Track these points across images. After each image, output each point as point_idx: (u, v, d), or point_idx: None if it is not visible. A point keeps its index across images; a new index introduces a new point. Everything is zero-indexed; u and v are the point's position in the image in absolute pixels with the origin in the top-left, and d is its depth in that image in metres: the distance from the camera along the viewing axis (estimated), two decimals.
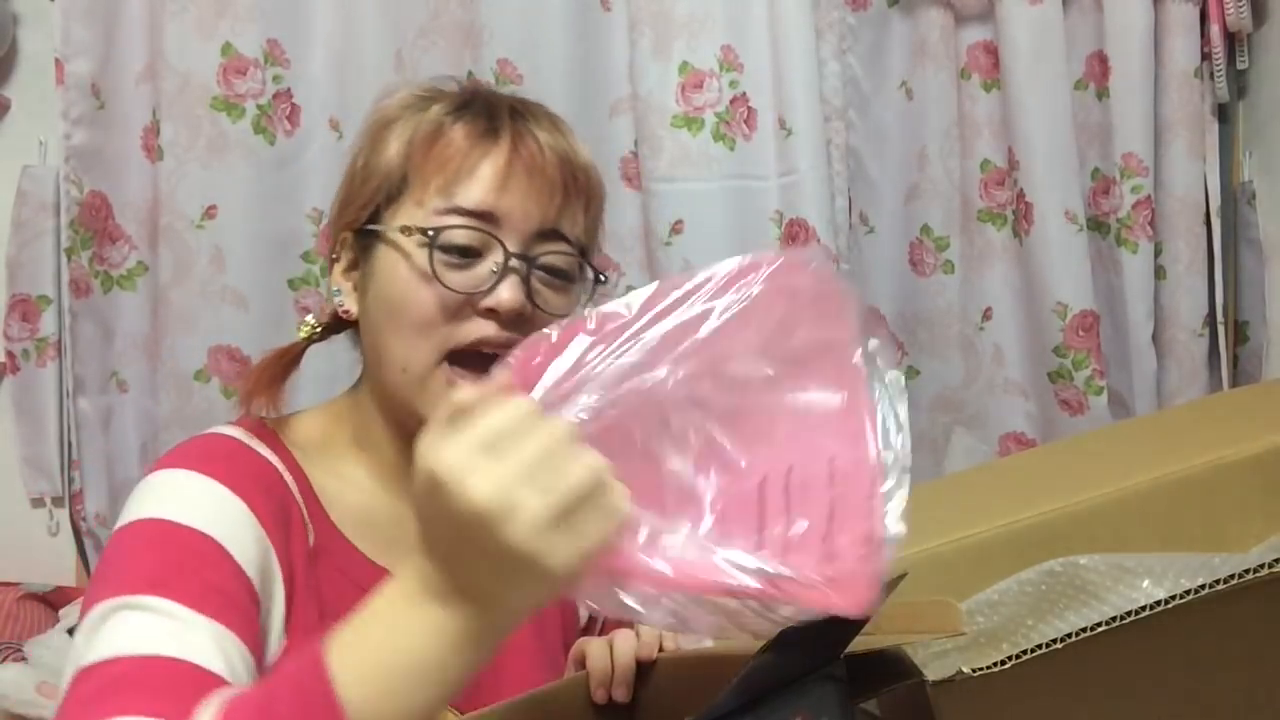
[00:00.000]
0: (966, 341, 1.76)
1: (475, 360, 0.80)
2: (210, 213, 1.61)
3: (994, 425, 1.75)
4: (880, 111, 1.76)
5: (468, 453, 0.52)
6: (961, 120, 1.73)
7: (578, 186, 0.85)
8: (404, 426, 0.83)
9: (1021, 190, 1.67)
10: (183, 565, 0.71)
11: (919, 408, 1.79)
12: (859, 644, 0.64)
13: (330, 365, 0.96)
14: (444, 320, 0.80)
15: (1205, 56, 1.69)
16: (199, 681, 0.65)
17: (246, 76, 1.61)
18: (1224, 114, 1.73)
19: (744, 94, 1.66)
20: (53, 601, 1.59)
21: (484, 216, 0.80)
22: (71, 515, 1.66)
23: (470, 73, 1.64)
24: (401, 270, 0.80)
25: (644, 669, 0.78)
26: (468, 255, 0.80)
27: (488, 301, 0.79)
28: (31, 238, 1.63)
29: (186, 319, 1.61)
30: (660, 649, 0.79)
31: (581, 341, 0.57)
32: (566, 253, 0.84)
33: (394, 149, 0.83)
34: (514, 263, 0.80)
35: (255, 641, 0.72)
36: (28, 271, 1.64)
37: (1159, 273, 1.71)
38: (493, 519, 0.51)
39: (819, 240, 1.65)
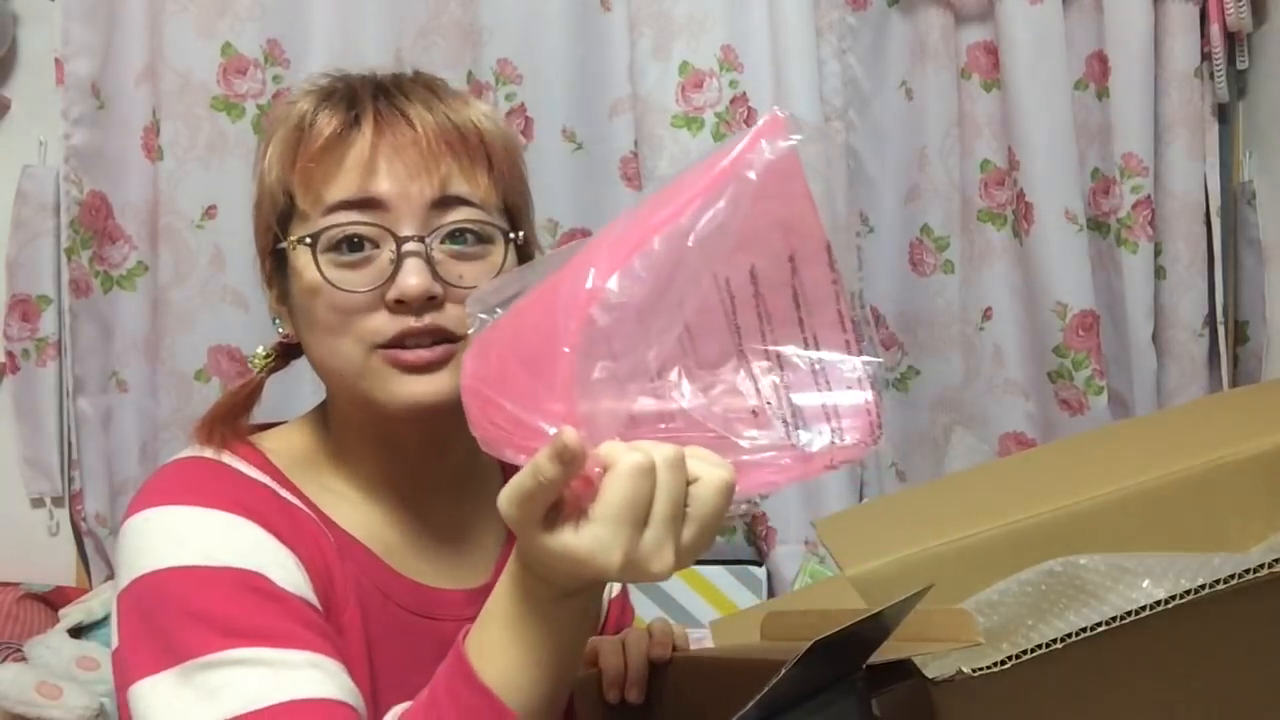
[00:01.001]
0: (966, 341, 1.76)
1: (407, 351, 0.76)
2: (210, 213, 1.61)
3: (994, 425, 1.75)
4: (880, 111, 1.76)
5: (597, 536, 0.57)
6: (961, 120, 1.73)
7: (468, 147, 0.78)
8: (379, 432, 0.81)
9: (1021, 190, 1.67)
10: (245, 606, 0.69)
11: (919, 408, 1.80)
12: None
13: None
14: (356, 319, 0.76)
15: (1205, 56, 1.69)
16: (338, 715, 0.67)
17: (246, 76, 1.61)
18: (1224, 114, 1.73)
19: (744, 94, 1.66)
20: (53, 601, 1.59)
21: (365, 205, 0.75)
22: (71, 515, 1.67)
23: (470, 73, 1.64)
24: (304, 282, 0.76)
25: (657, 669, 0.78)
26: (359, 249, 0.75)
27: (392, 294, 0.75)
28: (31, 238, 1.64)
29: (186, 319, 1.61)
30: (673, 649, 0.79)
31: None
32: (470, 218, 0.78)
33: (270, 161, 0.79)
34: (409, 246, 0.75)
35: (339, 653, 0.71)
36: (28, 271, 1.64)
37: (1159, 273, 1.71)
38: (634, 575, 0.58)
39: None
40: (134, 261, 1.64)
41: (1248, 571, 0.57)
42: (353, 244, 0.75)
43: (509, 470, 0.84)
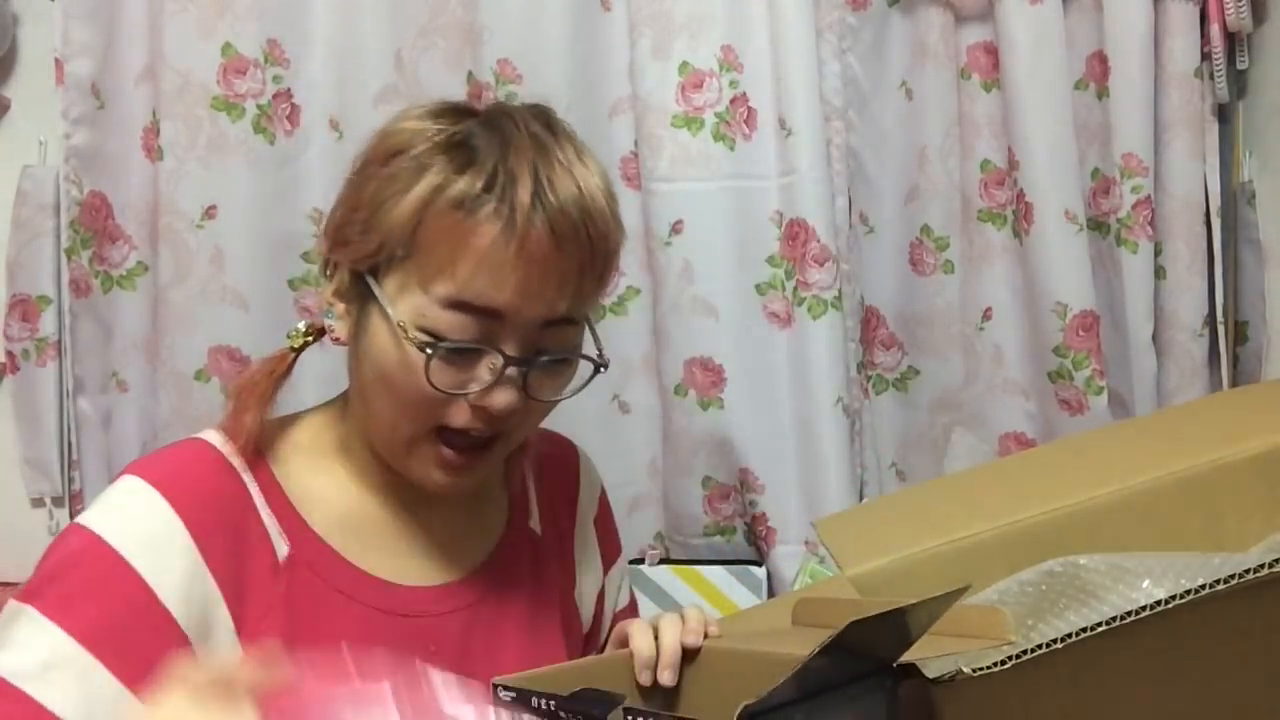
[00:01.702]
0: (966, 341, 1.76)
1: (465, 437, 0.80)
2: (210, 213, 1.61)
3: (994, 425, 1.74)
4: (880, 111, 1.75)
5: None
6: (961, 120, 1.73)
7: (594, 259, 0.78)
8: (379, 438, 0.84)
9: (1021, 190, 1.67)
10: (90, 591, 0.75)
11: (919, 408, 1.80)
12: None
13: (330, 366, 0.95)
14: (434, 406, 0.78)
15: (1205, 56, 1.69)
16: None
17: (246, 76, 1.61)
18: (1224, 114, 1.73)
19: (744, 94, 1.66)
20: None
21: (490, 314, 0.75)
22: (71, 515, 1.66)
23: (470, 73, 1.64)
24: (394, 355, 0.77)
25: (687, 655, 0.78)
26: (465, 354, 0.76)
27: (478, 400, 0.77)
28: (31, 238, 1.64)
29: (186, 319, 1.61)
30: (705, 636, 0.79)
31: None
32: (573, 343, 0.80)
33: (405, 211, 0.76)
34: (511, 371, 0.77)
35: (136, 674, 0.73)
36: (28, 271, 1.64)
37: (1159, 273, 1.71)
38: None
39: (819, 240, 1.65)
40: (134, 261, 1.64)
41: (1248, 571, 0.57)
42: (462, 352, 0.76)
43: (511, 477, 0.86)
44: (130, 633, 0.74)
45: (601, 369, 0.82)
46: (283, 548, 0.81)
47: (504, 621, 0.89)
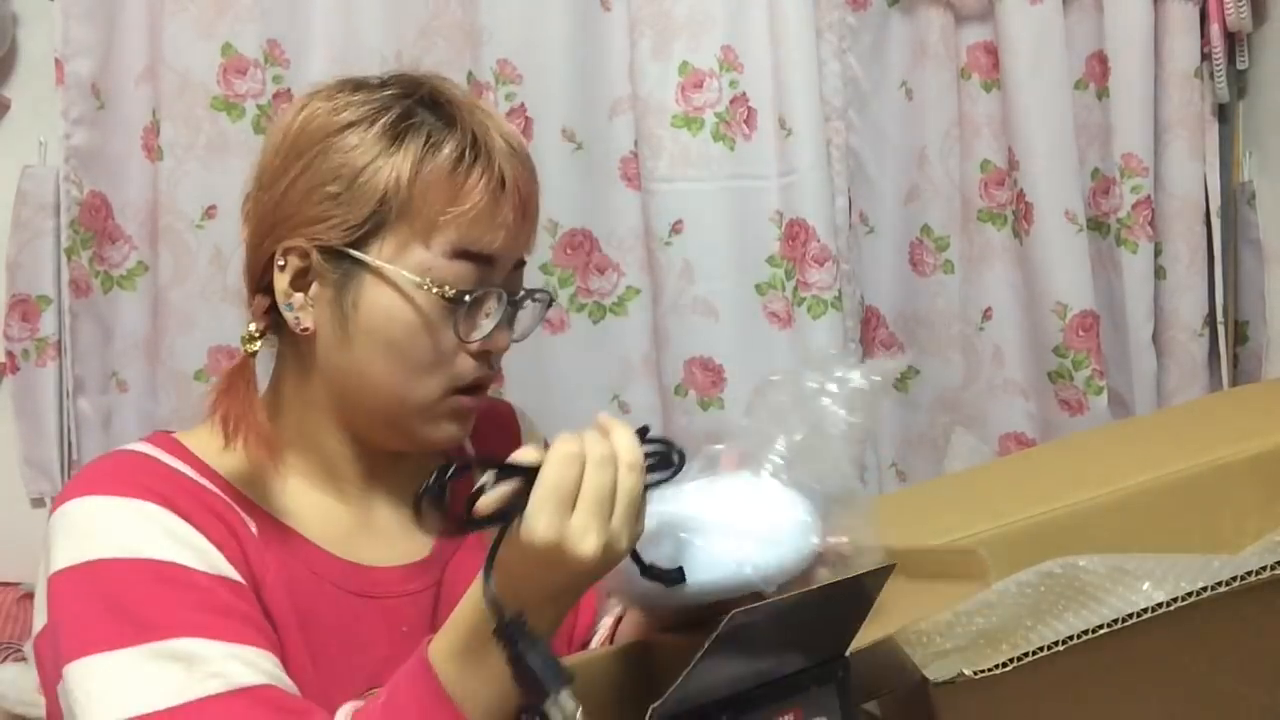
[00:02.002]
0: (966, 341, 1.76)
1: (475, 386, 0.84)
2: (210, 213, 1.61)
3: (994, 425, 1.74)
4: (880, 111, 1.75)
5: (529, 516, 0.64)
6: (961, 120, 1.73)
7: (536, 194, 0.87)
8: (351, 435, 0.85)
9: (1021, 190, 1.67)
10: (159, 600, 0.72)
11: (919, 408, 1.80)
12: (876, 627, 0.64)
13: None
14: (445, 361, 0.82)
15: (1205, 56, 1.69)
16: (265, 699, 0.69)
17: (246, 76, 1.61)
18: (1224, 114, 1.73)
19: (744, 94, 1.66)
20: None
21: (486, 260, 0.81)
22: None
23: (470, 74, 1.64)
24: (405, 314, 0.80)
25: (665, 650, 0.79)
26: (477, 301, 0.82)
27: (483, 345, 0.82)
28: (31, 238, 1.63)
29: (186, 319, 1.61)
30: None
31: None
32: (523, 277, 0.87)
33: (398, 174, 0.79)
34: (508, 308, 0.84)
35: (264, 635, 0.74)
36: (28, 271, 1.64)
37: (1159, 273, 1.71)
38: (563, 555, 0.64)
39: (819, 240, 1.65)
40: (134, 261, 1.64)
41: (1249, 574, 0.57)
42: (464, 297, 0.80)
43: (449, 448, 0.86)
44: (217, 601, 0.73)
45: (551, 303, 0.91)
46: (251, 525, 0.81)
47: None
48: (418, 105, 0.83)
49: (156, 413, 1.63)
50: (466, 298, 0.80)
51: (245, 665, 0.70)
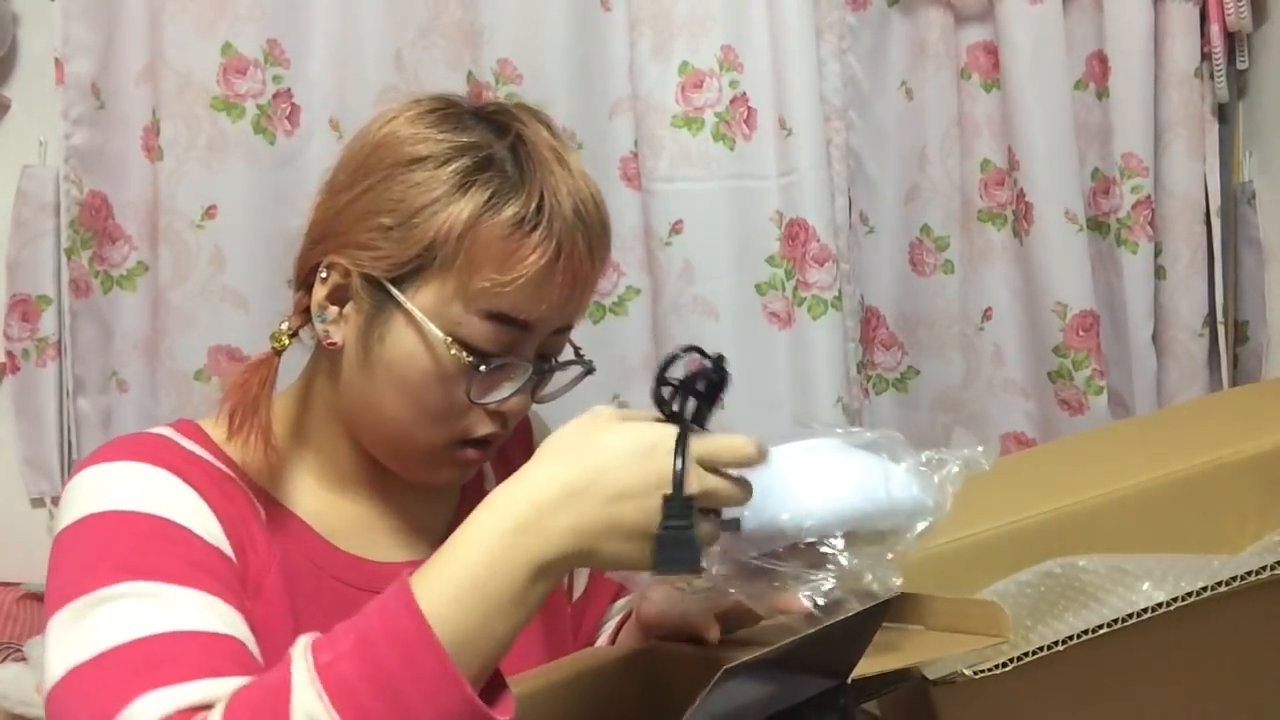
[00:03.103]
0: (966, 341, 1.76)
1: (483, 441, 0.82)
2: (210, 213, 1.61)
3: (994, 425, 1.74)
4: (880, 111, 1.75)
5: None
6: (961, 120, 1.73)
7: (605, 264, 0.84)
8: (361, 445, 0.85)
9: (1021, 190, 1.67)
10: (149, 548, 0.71)
11: (919, 408, 1.80)
12: (887, 661, 0.64)
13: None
14: (457, 416, 0.80)
15: (1205, 56, 1.69)
16: (228, 649, 0.67)
17: (246, 76, 1.61)
18: (1224, 114, 1.73)
19: (744, 94, 1.66)
20: None
21: (522, 325, 0.79)
22: None
23: (470, 73, 1.64)
24: (425, 362, 0.78)
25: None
26: (501, 367, 0.79)
27: (496, 406, 0.80)
28: (31, 238, 1.63)
29: (186, 319, 1.61)
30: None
31: None
32: (566, 340, 0.85)
33: (453, 224, 0.77)
34: (530, 376, 0.81)
35: (243, 606, 0.73)
36: (28, 271, 1.64)
37: (1159, 273, 1.71)
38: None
39: (819, 240, 1.65)
40: (134, 261, 1.64)
41: (1250, 574, 0.57)
42: (490, 356, 0.78)
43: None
44: (209, 566, 0.73)
45: (590, 373, 0.86)
46: (261, 511, 0.81)
47: None
48: (496, 155, 0.79)
49: (156, 413, 1.63)
50: (482, 367, 0.77)
51: (218, 618, 0.69)
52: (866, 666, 0.64)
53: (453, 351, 0.77)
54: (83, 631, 0.67)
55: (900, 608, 0.69)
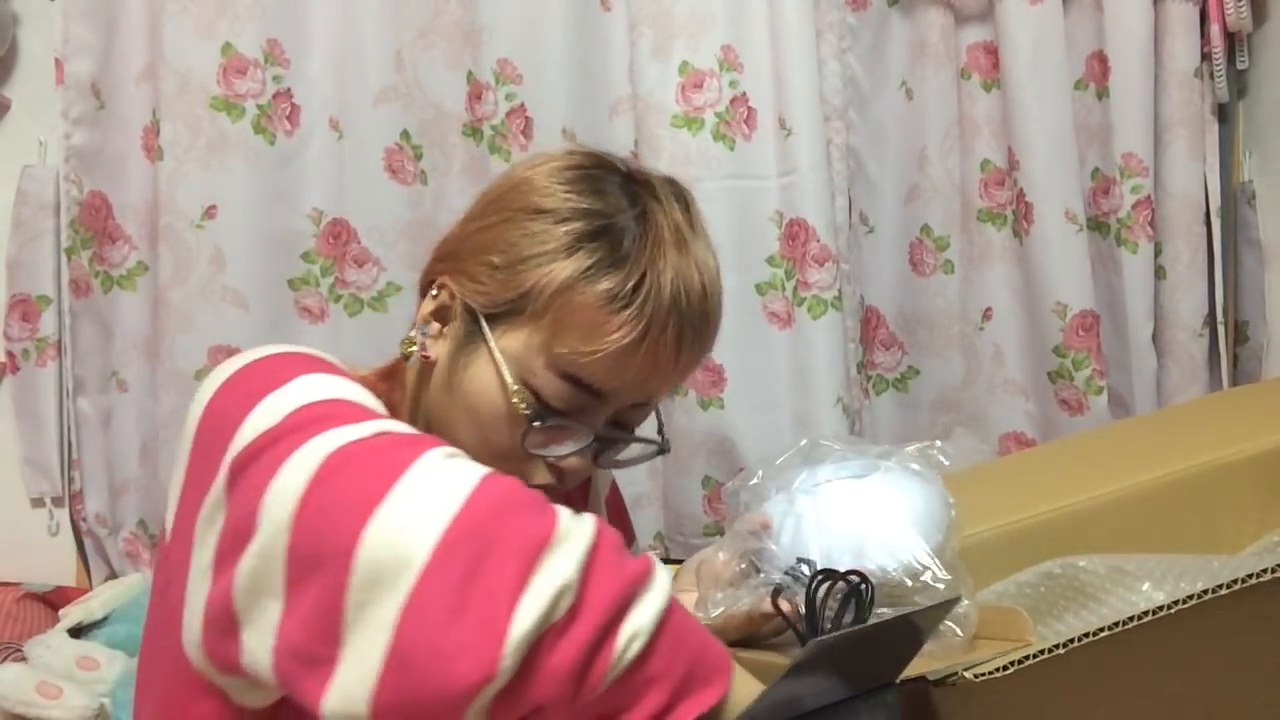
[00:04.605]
0: (966, 341, 1.76)
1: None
2: (210, 213, 1.61)
3: (994, 425, 1.74)
4: (880, 111, 1.75)
5: None
6: (961, 120, 1.73)
7: (704, 355, 0.83)
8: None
9: (1021, 190, 1.67)
10: (358, 416, 0.67)
11: (919, 408, 1.80)
12: (918, 664, 0.64)
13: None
14: (520, 459, 0.80)
15: (1205, 56, 1.69)
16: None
17: (246, 76, 1.61)
18: (1224, 114, 1.73)
19: (744, 94, 1.66)
20: (53, 601, 1.59)
21: (594, 393, 0.79)
22: (71, 515, 1.67)
23: (470, 73, 1.64)
24: (494, 402, 0.79)
25: None
26: (561, 426, 0.80)
27: (558, 464, 0.81)
28: (31, 238, 1.63)
29: (186, 319, 1.61)
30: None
31: None
32: (646, 415, 0.85)
33: (551, 280, 0.78)
34: (594, 445, 0.81)
35: None
36: (28, 271, 1.64)
37: (1159, 273, 1.71)
38: None
39: (819, 240, 1.65)
40: (134, 261, 1.64)
41: (1251, 576, 0.57)
42: (555, 413, 0.79)
43: None
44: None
45: (664, 453, 0.87)
46: None
47: None
48: (615, 225, 0.80)
49: (156, 413, 1.63)
50: (536, 423, 0.78)
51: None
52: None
53: (515, 400, 0.78)
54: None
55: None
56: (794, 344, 1.67)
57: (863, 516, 0.72)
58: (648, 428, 0.88)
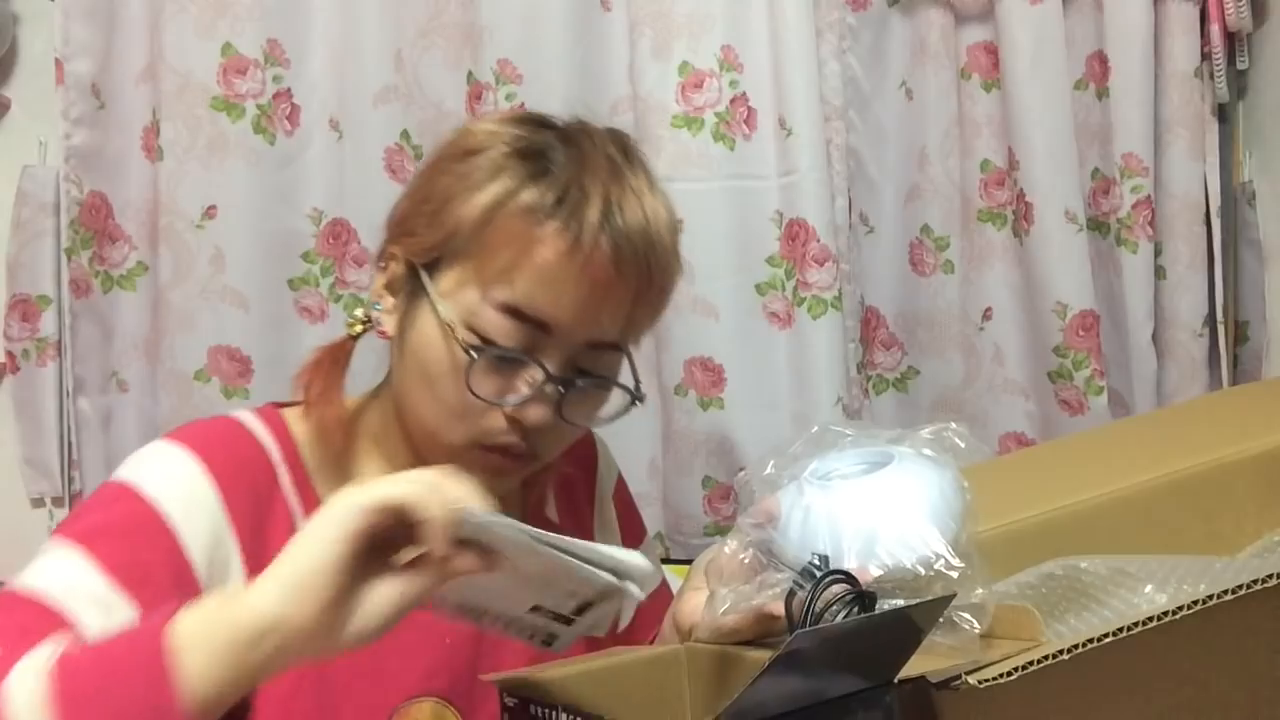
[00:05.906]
0: (966, 341, 1.76)
1: (504, 451, 0.80)
2: (210, 213, 1.61)
3: (994, 425, 1.74)
4: (880, 111, 1.75)
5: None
6: (961, 120, 1.73)
7: (651, 289, 0.79)
8: (416, 437, 0.84)
9: (1021, 190, 1.67)
10: (118, 529, 0.74)
11: (919, 408, 1.80)
12: (923, 663, 0.64)
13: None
14: (473, 413, 0.78)
15: (1205, 56, 1.69)
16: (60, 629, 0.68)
17: (246, 76, 1.61)
18: (1224, 114, 1.73)
19: (744, 94, 1.66)
20: None
21: (540, 326, 0.76)
22: None
23: (470, 73, 1.64)
24: (438, 353, 0.77)
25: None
26: (507, 363, 0.77)
27: (515, 414, 0.78)
28: (31, 238, 1.64)
29: (186, 319, 1.61)
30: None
31: None
32: (613, 369, 0.81)
33: (475, 209, 0.77)
34: (549, 387, 0.77)
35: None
36: (28, 271, 1.64)
37: (1159, 273, 1.71)
38: None
39: (819, 240, 1.65)
40: (134, 261, 1.64)
41: (1256, 582, 0.57)
42: (506, 359, 0.76)
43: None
44: (153, 575, 0.74)
45: (637, 402, 0.82)
46: (300, 522, 0.81)
47: None
48: (539, 145, 0.78)
49: (156, 412, 1.64)
50: (475, 354, 0.75)
51: (95, 605, 0.71)
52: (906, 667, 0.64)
53: (456, 335, 0.76)
54: (34, 564, 0.73)
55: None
56: (794, 344, 1.67)
57: (875, 512, 0.71)
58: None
